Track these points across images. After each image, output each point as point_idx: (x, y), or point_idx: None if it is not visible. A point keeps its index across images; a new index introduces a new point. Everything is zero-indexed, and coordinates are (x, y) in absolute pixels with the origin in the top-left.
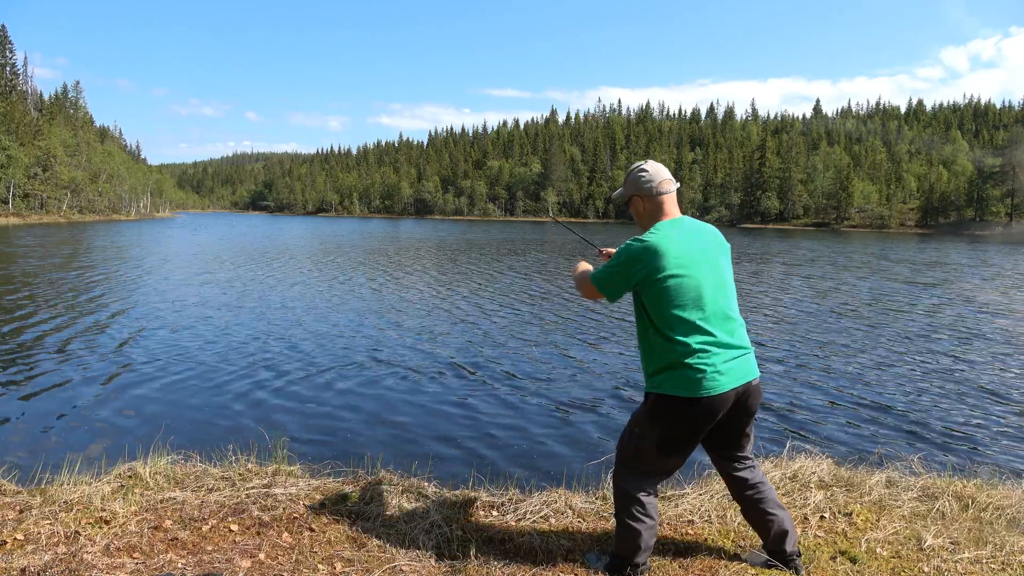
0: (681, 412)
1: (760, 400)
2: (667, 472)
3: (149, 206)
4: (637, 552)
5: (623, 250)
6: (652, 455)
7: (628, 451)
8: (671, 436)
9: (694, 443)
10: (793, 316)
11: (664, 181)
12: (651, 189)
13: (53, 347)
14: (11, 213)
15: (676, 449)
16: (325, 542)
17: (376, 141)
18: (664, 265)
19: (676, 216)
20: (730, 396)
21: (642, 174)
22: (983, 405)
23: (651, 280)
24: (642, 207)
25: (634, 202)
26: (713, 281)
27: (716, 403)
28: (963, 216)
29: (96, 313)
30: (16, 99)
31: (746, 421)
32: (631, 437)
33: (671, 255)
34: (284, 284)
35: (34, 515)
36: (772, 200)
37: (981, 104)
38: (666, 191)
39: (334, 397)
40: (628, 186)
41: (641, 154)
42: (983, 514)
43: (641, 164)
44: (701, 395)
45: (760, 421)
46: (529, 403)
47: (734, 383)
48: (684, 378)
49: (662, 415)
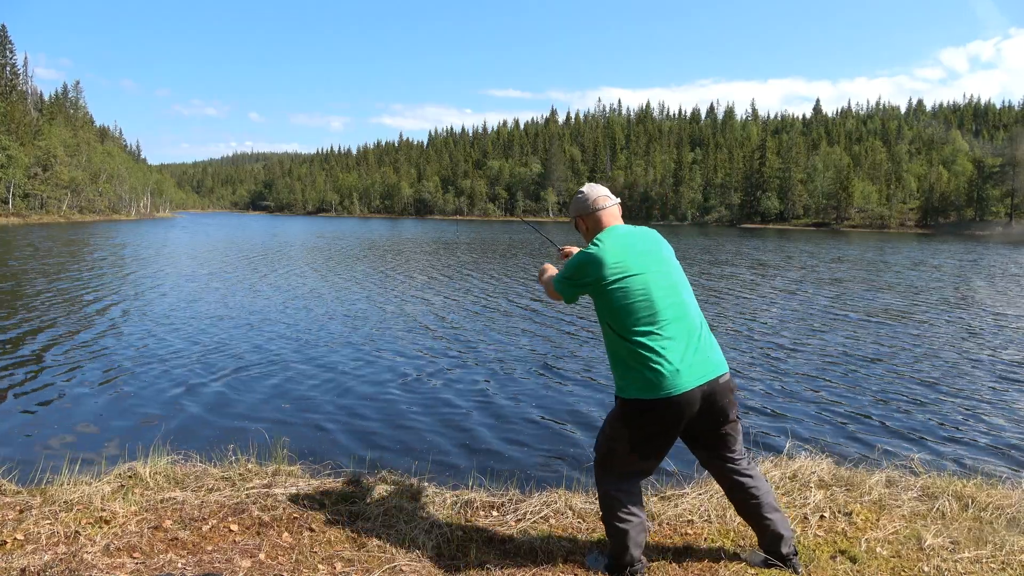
0: (647, 413)
1: (731, 398)
2: (645, 471)
3: (149, 206)
4: (628, 550)
5: (571, 261)
6: (626, 456)
7: (604, 453)
8: (642, 438)
9: (667, 443)
10: (793, 316)
11: (600, 198)
12: (588, 207)
13: (53, 347)
14: (11, 213)
15: (648, 450)
16: (325, 542)
17: (376, 141)
18: (606, 273)
19: (612, 225)
20: (695, 395)
21: (579, 196)
22: (983, 405)
23: (599, 288)
24: (583, 226)
25: (577, 223)
26: (661, 281)
27: (680, 403)
28: (963, 216)
29: (96, 313)
30: (16, 99)
31: (721, 420)
32: (605, 439)
33: (610, 262)
34: (284, 284)
35: (34, 515)
36: (772, 200)
37: (981, 104)
38: (603, 207)
39: (334, 397)
40: (572, 210)
41: (641, 154)
42: (983, 514)
43: (580, 188)
44: (662, 396)
45: (760, 421)
46: (529, 403)
47: (696, 381)
48: (644, 380)
49: (631, 417)
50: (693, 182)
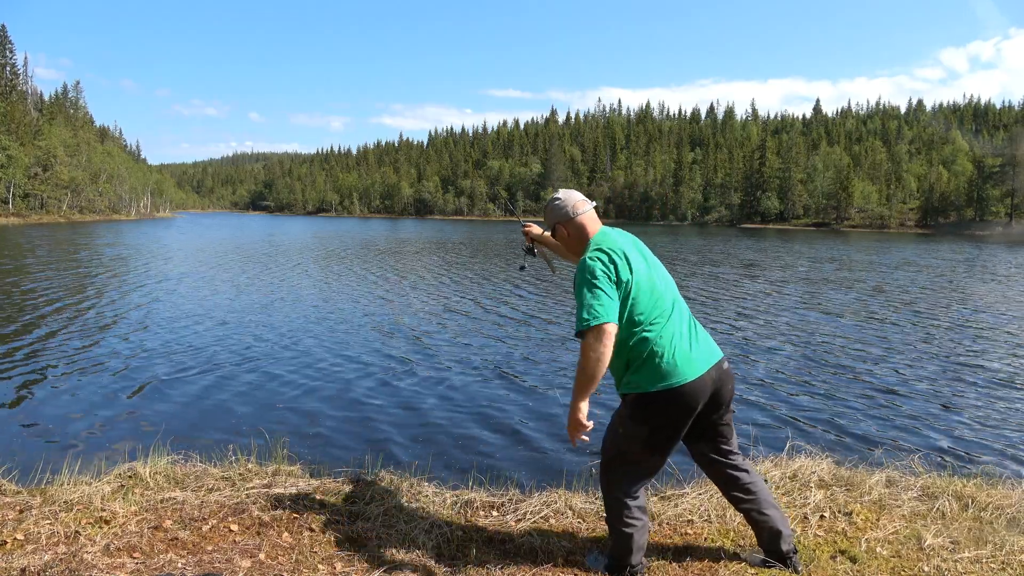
0: (664, 404)
1: (733, 385)
2: (652, 471)
3: (149, 206)
4: (631, 553)
5: (588, 268)
6: (638, 454)
7: (612, 455)
8: (657, 431)
9: (677, 436)
10: (793, 316)
11: (578, 203)
12: (568, 213)
13: (53, 347)
14: (11, 213)
15: (662, 444)
16: (325, 542)
17: (376, 141)
18: (631, 267)
19: (600, 228)
20: (707, 381)
21: (556, 202)
22: (984, 404)
23: (625, 287)
24: (565, 232)
25: (557, 231)
26: (658, 274)
27: (695, 389)
28: (963, 216)
29: (96, 313)
30: (16, 99)
31: (724, 409)
32: (615, 440)
33: (631, 258)
34: (284, 284)
35: (34, 515)
36: (772, 200)
37: (981, 104)
38: (582, 211)
39: (334, 397)
40: (548, 218)
41: (641, 154)
42: (983, 514)
43: (554, 195)
44: (678, 383)
45: (760, 421)
46: (530, 403)
47: (707, 365)
48: (660, 371)
49: (645, 412)
50: (693, 182)
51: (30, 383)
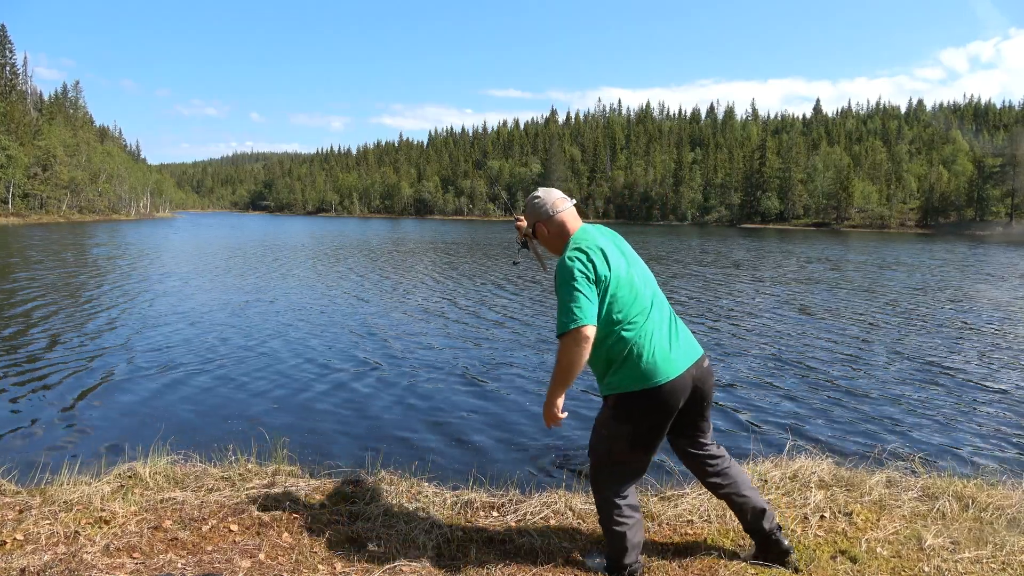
0: (646, 404)
1: (712, 381)
2: (640, 470)
3: (149, 206)
4: (627, 552)
5: (567, 269)
6: (624, 454)
7: (601, 455)
8: (641, 430)
9: (662, 433)
10: (792, 316)
11: (557, 200)
12: (548, 211)
13: (53, 347)
14: (11, 213)
15: (647, 443)
16: (325, 542)
17: (376, 141)
18: (610, 265)
19: (580, 226)
20: (688, 379)
21: (536, 201)
22: (984, 405)
23: (603, 286)
24: (546, 230)
25: (538, 228)
26: (637, 271)
27: (676, 388)
28: (963, 216)
29: (96, 313)
30: (16, 99)
31: (705, 404)
32: (600, 441)
33: (609, 255)
34: (284, 284)
35: (34, 515)
36: (772, 200)
37: (981, 104)
38: (562, 209)
39: (334, 397)
40: (528, 217)
41: (641, 154)
42: (983, 514)
43: (534, 193)
44: (659, 383)
45: (760, 421)
46: (530, 404)
47: (687, 363)
48: (639, 371)
49: (628, 412)
50: (693, 182)
51: (30, 383)
